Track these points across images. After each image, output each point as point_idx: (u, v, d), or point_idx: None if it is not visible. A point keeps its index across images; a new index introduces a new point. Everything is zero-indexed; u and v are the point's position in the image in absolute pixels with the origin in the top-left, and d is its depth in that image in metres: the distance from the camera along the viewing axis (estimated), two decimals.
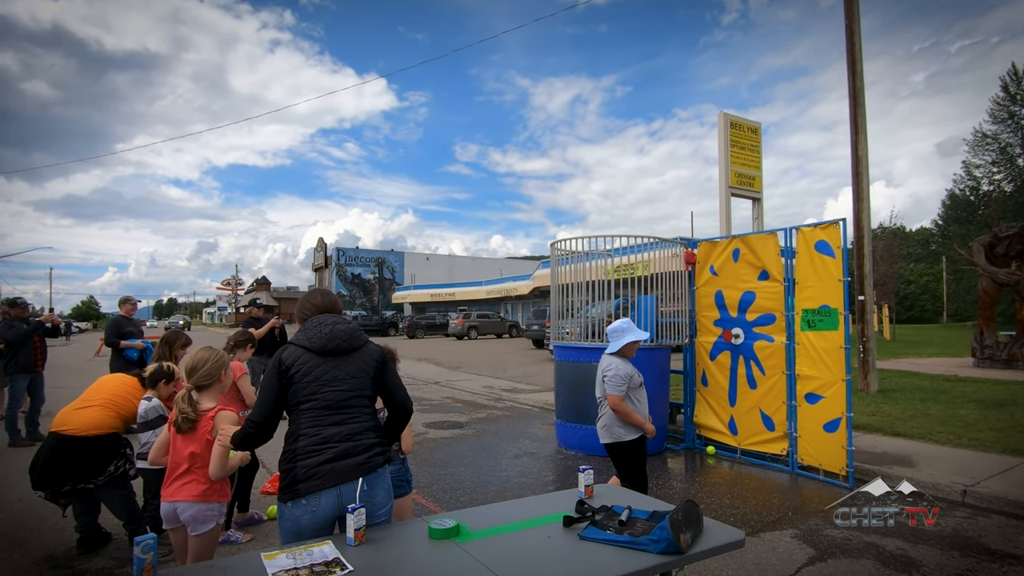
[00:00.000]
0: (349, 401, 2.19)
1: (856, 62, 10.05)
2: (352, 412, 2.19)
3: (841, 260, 5.18)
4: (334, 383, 2.18)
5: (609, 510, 2.08)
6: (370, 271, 53.22)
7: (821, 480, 5.22)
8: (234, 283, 76.87)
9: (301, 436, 2.12)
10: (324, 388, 2.16)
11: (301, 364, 2.18)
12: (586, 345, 6.43)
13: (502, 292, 39.54)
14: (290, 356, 2.21)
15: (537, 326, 22.33)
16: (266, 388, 2.18)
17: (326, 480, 2.05)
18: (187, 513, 2.52)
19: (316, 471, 2.06)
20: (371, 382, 2.27)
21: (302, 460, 2.08)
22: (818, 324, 5.35)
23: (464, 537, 1.95)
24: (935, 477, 4.99)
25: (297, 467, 2.08)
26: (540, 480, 5.34)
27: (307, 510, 2.04)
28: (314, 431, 2.12)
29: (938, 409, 7.89)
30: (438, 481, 5.19)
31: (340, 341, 2.23)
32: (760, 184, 14.28)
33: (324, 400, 2.15)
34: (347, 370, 2.22)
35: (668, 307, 6.81)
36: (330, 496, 2.06)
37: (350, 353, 2.25)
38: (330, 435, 2.11)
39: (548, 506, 2.23)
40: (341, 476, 2.08)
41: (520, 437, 7.19)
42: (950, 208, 47.79)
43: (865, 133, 9.91)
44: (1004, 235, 12.60)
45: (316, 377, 2.17)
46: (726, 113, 13.70)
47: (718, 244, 6.44)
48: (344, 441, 2.12)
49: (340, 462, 2.09)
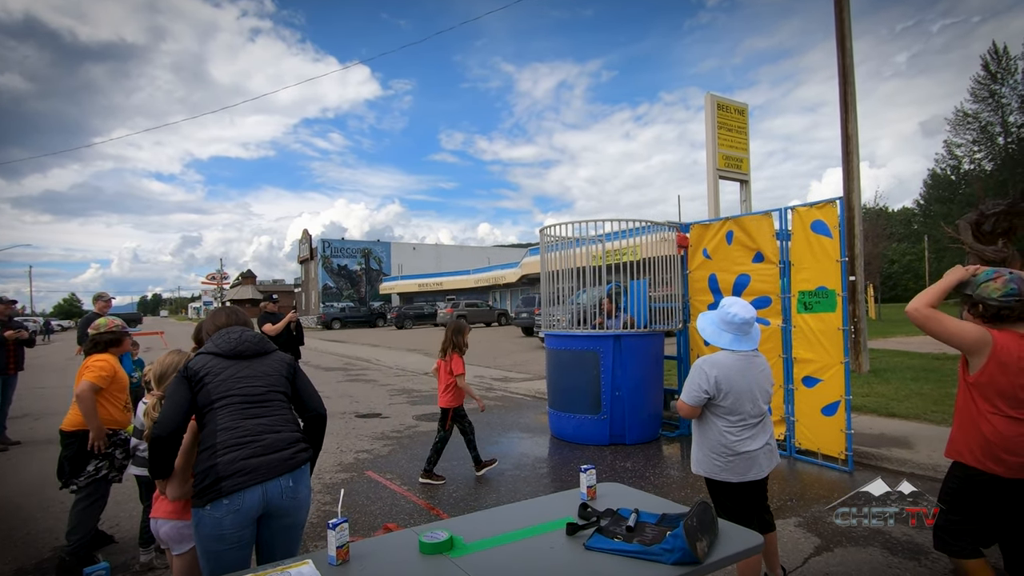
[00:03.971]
0: (267, 395, 2.13)
1: (845, 39, 9.90)
2: (271, 406, 2.12)
3: (838, 240, 5.04)
4: (249, 379, 2.13)
5: (615, 514, 1.91)
6: (356, 262, 52.62)
7: (820, 464, 5.13)
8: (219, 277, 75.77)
9: (220, 431, 1.99)
10: (239, 384, 2.10)
11: (211, 367, 2.11)
12: (577, 333, 6.27)
13: (490, 280, 39.31)
14: (198, 362, 2.13)
15: (526, 314, 22.20)
16: (173, 394, 2.05)
17: (254, 476, 1.92)
18: (163, 530, 2.33)
19: (242, 466, 1.93)
20: (285, 381, 2.23)
21: (224, 455, 1.93)
22: (815, 306, 5.23)
23: (458, 551, 1.78)
24: (934, 459, 4.92)
25: (219, 463, 1.92)
26: (535, 472, 5.19)
27: (230, 510, 1.89)
28: (233, 424, 2.00)
29: (930, 388, 7.87)
30: None
31: (250, 344, 2.22)
32: (747, 166, 14.15)
33: (240, 395, 2.07)
34: (260, 369, 2.19)
35: (659, 291, 6.67)
36: (255, 494, 1.92)
37: (260, 357, 2.24)
38: (251, 428, 2.01)
39: (548, 510, 2.05)
40: (269, 471, 1.96)
41: (513, 428, 7.04)
42: (932, 188, 48.28)
43: (855, 111, 9.80)
44: (991, 212, 12.55)
45: (229, 376, 2.11)
46: (713, 95, 13.51)
47: (711, 227, 6.29)
48: (267, 433, 2.03)
49: (267, 456, 1.98)
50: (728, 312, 2.66)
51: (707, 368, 2.63)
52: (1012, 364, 2.18)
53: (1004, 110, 40.91)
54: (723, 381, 2.59)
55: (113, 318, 3.62)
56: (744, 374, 2.61)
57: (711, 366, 2.63)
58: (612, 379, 6.07)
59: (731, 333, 2.66)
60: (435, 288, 44.08)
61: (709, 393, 2.61)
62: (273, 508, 1.97)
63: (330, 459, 5.65)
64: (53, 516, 4.22)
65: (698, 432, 2.75)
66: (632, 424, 6.09)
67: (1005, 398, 2.21)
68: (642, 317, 6.35)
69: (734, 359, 2.63)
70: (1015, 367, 2.17)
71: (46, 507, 4.44)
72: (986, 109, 41.72)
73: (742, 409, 2.59)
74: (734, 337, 2.66)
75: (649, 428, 6.30)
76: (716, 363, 2.64)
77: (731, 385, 2.59)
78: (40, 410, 8.64)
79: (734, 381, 2.59)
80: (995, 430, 2.21)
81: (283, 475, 1.98)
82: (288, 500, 1.98)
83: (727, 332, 2.67)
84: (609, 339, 6.08)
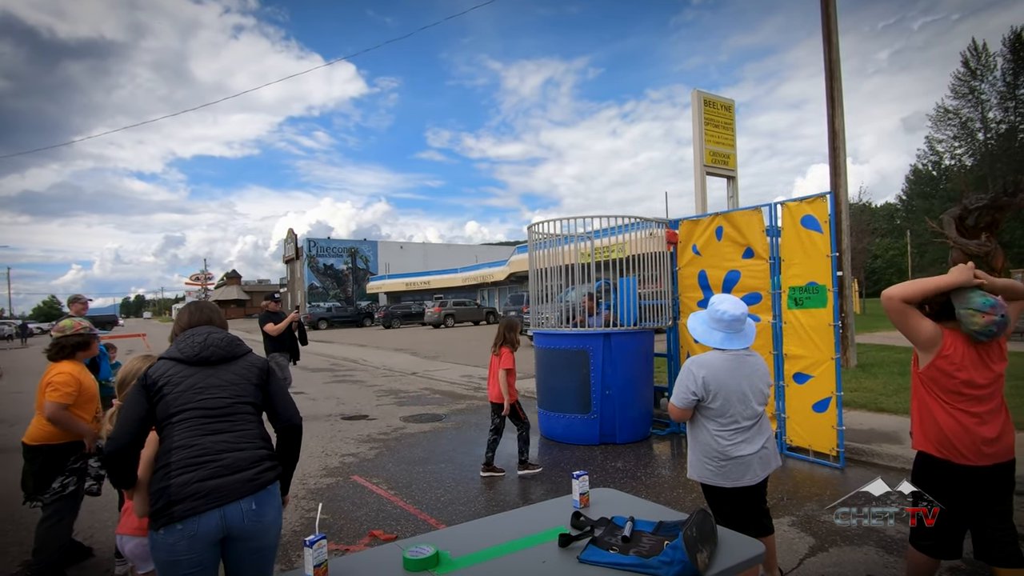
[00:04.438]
0: (231, 407, 1.93)
1: (832, 34, 9.91)
2: (235, 420, 1.92)
3: (829, 235, 5.00)
4: (211, 390, 1.92)
5: (610, 523, 1.82)
6: (343, 261, 52.19)
7: (811, 461, 5.09)
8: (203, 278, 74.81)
9: (175, 449, 1.82)
10: (200, 396, 1.90)
11: (171, 375, 1.92)
12: (566, 331, 6.18)
13: (478, 279, 39.16)
14: (158, 369, 1.94)
15: (514, 312, 22.09)
16: (128, 405, 1.88)
17: (208, 500, 1.75)
18: (128, 547, 2.21)
19: (196, 489, 1.75)
20: (254, 389, 2.02)
21: (177, 476, 1.77)
22: (805, 302, 5.18)
23: (445, 567, 1.68)
24: None
25: (171, 485, 1.76)
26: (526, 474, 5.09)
27: (183, 535, 1.72)
28: (190, 441, 1.82)
29: None
30: (417, 480, 4.91)
31: (216, 349, 2.01)
32: (734, 162, 14.18)
33: (201, 408, 1.88)
34: (225, 377, 1.98)
35: (648, 288, 6.61)
36: (211, 519, 1.75)
37: (228, 362, 2.02)
38: (210, 446, 1.83)
39: (540, 520, 1.96)
40: (228, 494, 1.77)
41: None
42: (914, 183, 48.93)
43: (842, 106, 9.82)
44: (974, 207, 12.68)
45: (190, 386, 1.91)
46: (700, 91, 13.52)
47: (700, 222, 6.23)
48: (228, 452, 1.84)
49: (226, 478, 1.79)
50: (717, 309, 2.58)
51: (695, 368, 2.55)
52: (957, 360, 2.29)
53: (984, 106, 41.56)
54: (711, 382, 2.49)
55: (80, 320, 3.44)
56: (734, 374, 2.52)
57: (699, 366, 2.55)
58: (602, 378, 5.99)
59: (721, 331, 2.58)
60: (423, 287, 43.85)
61: (697, 395, 2.52)
62: (235, 532, 1.81)
63: (315, 463, 5.51)
64: (26, 528, 4.03)
65: (691, 435, 2.67)
66: (622, 423, 6.02)
67: (951, 393, 2.32)
68: (631, 315, 6.29)
69: (724, 358, 2.54)
70: (959, 363, 2.28)
71: (17, 519, 4.26)
72: (966, 105, 42.37)
73: (732, 411, 2.50)
74: (725, 335, 2.57)
75: (640, 427, 6.23)
76: (704, 363, 2.55)
77: (720, 386, 2.49)
78: (16, 415, 8.38)
79: (723, 381, 2.50)
80: (948, 422, 2.32)
81: (244, 498, 1.79)
82: (251, 524, 1.81)
83: (717, 330, 2.59)
84: (598, 337, 6.00)
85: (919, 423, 2.46)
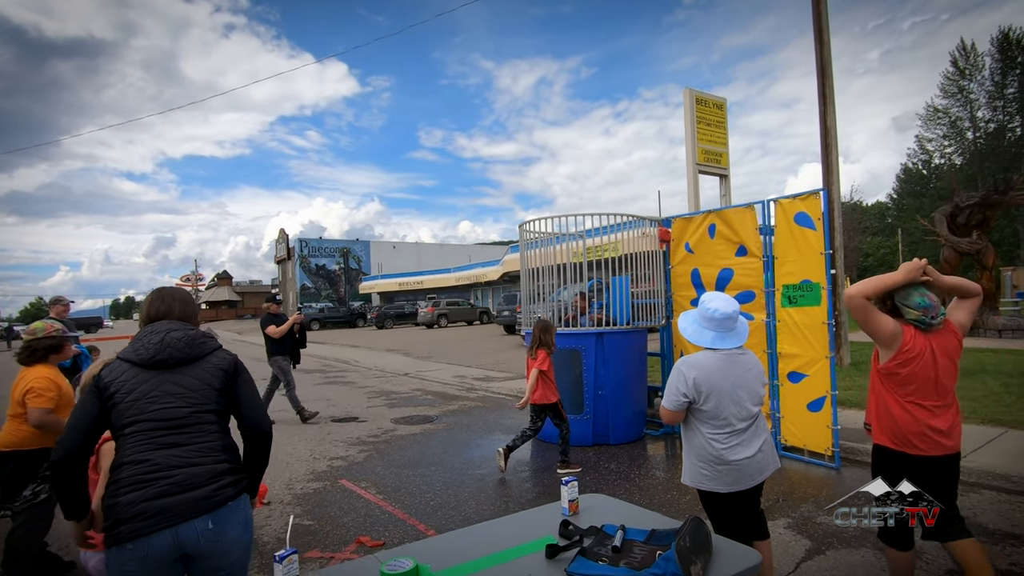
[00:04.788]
0: (188, 418, 1.76)
1: (823, 32, 9.88)
2: (193, 432, 1.75)
3: (822, 232, 4.95)
4: (166, 399, 1.76)
5: (600, 532, 1.74)
6: (335, 262, 51.88)
7: (806, 461, 5.04)
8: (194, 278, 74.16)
9: (125, 464, 1.69)
10: (153, 406, 1.74)
11: (124, 381, 1.76)
12: (558, 331, 6.09)
13: (471, 278, 39.01)
14: (112, 372, 1.79)
15: (508, 312, 21.99)
16: (79, 408, 1.76)
17: (158, 520, 1.62)
18: (91, 564, 2.10)
19: (144, 508, 1.62)
20: (217, 395, 1.84)
21: (125, 494, 1.64)
22: (799, 300, 5.13)
23: None
24: None
25: (118, 503, 1.64)
26: (517, 477, 5.01)
27: (134, 556, 1.60)
28: (140, 456, 1.69)
29: None
30: (406, 484, 4.81)
31: (174, 350, 1.81)
32: (727, 160, 14.11)
33: (154, 419, 1.73)
34: (184, 383, 1.80)
35: (641, 287, 6.54)
36: (163, 539, 1.63)
37: (189, 364, 1.84)
38: (162, 461, 1.68)
39: (527, 529, 1.87)
40: (179, 514, 1.64)
41: (494, 430, 6.85)
42: (904, 182, 49.28)
43: (833, 104, 9.78)
44: (965, 205, 12.76)
45: (143, 394, 1.74)
46: (692, 90, 13.45)
47: (693, 220, 6.17)
48: (182, 467, 1.69)
49: (177, 496, 1.65)
50: (708, 308, 2.50)
51: (685, 369, 2.46)
52: (915, 356, 2.39)
53: (972, 105, 41.90)
54: (703, 383, 2.41)
55: (52, 322, 3.31)
56: (727, 374, 2.43)
57: (689, 367, 2.46)
58: (595, 378, 5.91)
59: (712, 330, 2.49)
60: (416, 287, 43.64)
61: (688, 396, 2.43)
62: (193, 552, 1.69)
63: (303, 467, 5.40)
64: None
65: (685, 439, 2.58)
66: (616, 423, 5.94)
67: (908, 386, 2.43)
68: (624, 314, 6.21)
69: (715, 358, 2.46)
70: (917, 359, 2.39)
71: None
72: (955, 104, 42.70)
73: (725, 413, 2.41)
74: (716, 335, 2.48)
75: (633, 427, 6.16)
76: (695, 364, 2.46)
77: (712, 387, 2.41)
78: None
79: (715, 382, 2.41)
80: (904, 416, 2.44)
81: (199, 517, 1.66)
82: (209, 544, 1.69)
83: (708, 329, 2.51)
84: (591, 337, 5.92)
85: (876, 417, 2.57)
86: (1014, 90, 39.74)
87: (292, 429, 7.17)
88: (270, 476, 5.08)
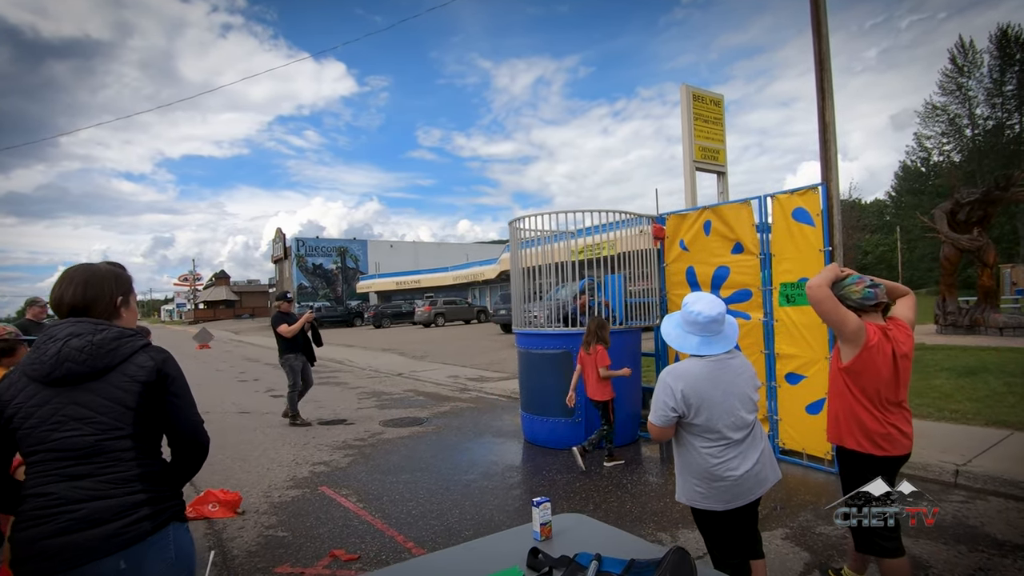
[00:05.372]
0: (96, 446, 1.49)
1: (822, 25, 9.66)
2: (103, 461, 1.49)
3: (821, 228, 4.77)
4: (70, 424, 1.48)
5: (572, 563, 1.55)
6: (332, 261, 51.65)
7: (805, 465, 4.86)
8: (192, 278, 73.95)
9: (28, 497, 1.47)
10: (56, 433, 1.48)
11: (22, 402, 1.49)
12: (549, 331, 5.91)
13: (469, 277, 38.83)
14: (8, 390, 1.52)
15: (505, 310, 21.81)
16: None
17: (55, 562, 1.40)
18: None
19: (41, 548, 1.41)
20: (133, 416, 1.53)
21: (24, 531, 1.44)
22: (798, 299, 4.94)
23: None
24: (923, 456, 4.67)
25: (18, 540, 1.44)
26: (505, 483, 4.82)
27: None
28: (43, 489, 1.46)
29: (912, 380, 7.66)
30: (389, 491, 4.62)
31: (74, 364, 1.50)
32: (724, 158, 13.91)
33: (57, 449, 1.48)
34: (91, 403, 1.50)
35: (636, 286, 6.36)
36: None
37: (97, 378, 1.52)
38: (65, 494, 1.45)
39: (494, 555, 1.68)
40: (81, 554, 1.41)
41: (484, 432, 6.67)
42: (903, 179, 49.13)
43: (832, 99, 9.53)
44: (966, 201, 12.59)
45: (43, 419, 1.48)
46: (688, 86, 13.22)
47: (688, 217, 5.98)
48: (87, 501, 1.45)
49: (78, 533, 1.42)
50: (691, 311, 2.28)
51: (671, 381, 2.25)
52: (879, 352, 2.40)
53: (971, 103, 41.73)
54: (692, 395, 2.21)
55: (5, 324, 3.14)
56: (717, 382, 2.23)
57: (676, 378, 2.25)
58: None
59: (698, 335, 2.29)
60: (413, 286, 43.45)
61: (677, 410, 2.23)
62: None
63: (283, 473, 5.21)
64: None
65: (677, 455, 2.39)
66: None
67: (871, 385, 2.42)
68: (617, 313, 6.02)
69: (703, 366, 2.25)
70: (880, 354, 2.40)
71: None
72: (954, 102, 42.53)
73: (719, 424, 2.22)
74: (702, 340, 2.28)
75: (627, 430, 5.98)
76: (682, 374, 2.26)
77: (702, 398, 2.21)
78: None
79: (705, 392, 2.21)
80: (868, 416, 2.43)
81: (108, 556, 1.43)
82: None
83: (693, 334, 2.30)
84: (582, 337, 5.73)
85: (839, 420, 2.54)
86: (1013, 87, 39.58)
87: (277, 432, 6.99)
88: (247, 484, 4.90)
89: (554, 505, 4.19)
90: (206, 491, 4.27)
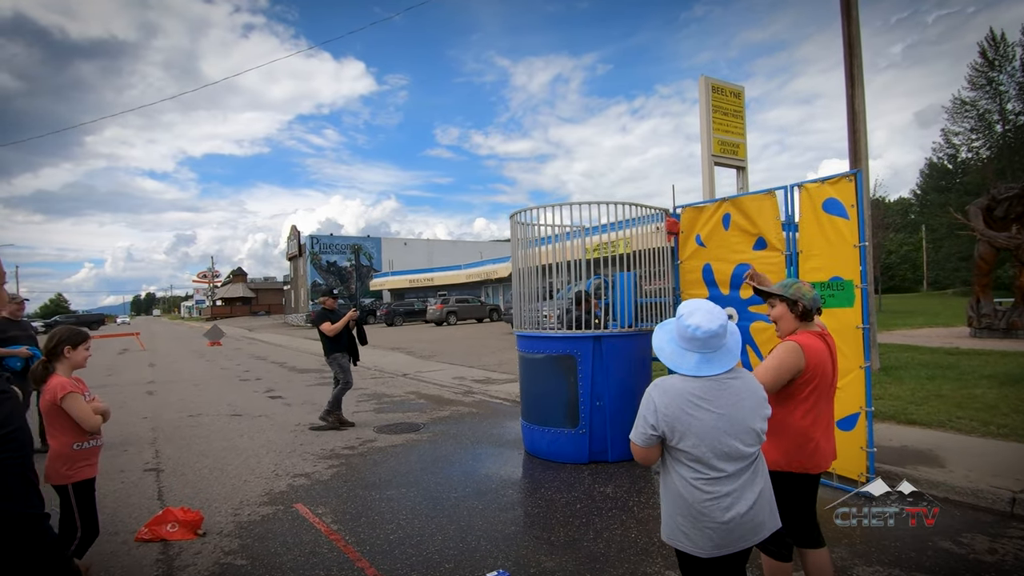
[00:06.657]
0: None
1: (851, 8, 9.06)
2: None
3: (856, 221, 4.22)
4: None
5: None
6: (346, 258, 51.59)
7: (836, 488, 4.32)
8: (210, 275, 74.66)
9: None
10: None
11: None
12: (551, 333, 5.43)
13: (482, 275, 38.42)
14: None
15: None
16: None
17: None
18: None
19: None
20: None
21: None
22: (829, 301, 4.40)
23: None
24: (972, 480, 4.11)
25: None
26: (498, 502, 4.34)
27: None
28: None
29: (950, 388, 7.08)
30: (369, 510, 4.17)
31: None
32: (744, 152, 13.30)
33: None
34: None
35: (651, 285, 5.85)
36: None
37: None
38: None
39: None
40: None
41: (483, 441, 6.21)
42: (929, 177, 47.63)
43: (862, 86, 8.97)
44: (1003, 196, 11.82)
45: None
46: (708, 78, 12.65)
47: (705, 209, 5.46)
48: None
49: None
50: (687, 324, 1.87)
51: (655, 395, 1.87)
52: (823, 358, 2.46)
53: (1002, 98, 40.23)
54: (676, 416, 1.81)
55: None
56: (711, 404, 1.82)
57: (661, 392, 1.87)
58: (591, 387, 5.24)
59: (697, 352, 1.88)
60: (426, 284, 43.21)
61: (657, 430, 1.83)
62: None
63: (259, 487, 4.80)
64: None
65: (662, 483, 1.98)
66: (615, 438, 5.26)
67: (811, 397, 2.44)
68: (627, 314, 5.53)
69: (696, 385, 1.85)
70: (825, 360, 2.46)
71: None
72: (984, 97, 41.06)
73: (707, 455, 1.80)
74: (701, 357, 1.86)
75: None
76: (668, 389, 1.86)
77: (688, 424, 1.80)
78: None
79: (692, 417, 1.80)
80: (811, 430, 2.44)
81: None
82: None
83: (690, 351, 1.88)
84: (587, 340, 5.25)
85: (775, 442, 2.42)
86: None
87: (265, 437, 6.60)
88: (218, 498, 4.49)
89: (549, 531, 3.71)
90: (165, 509, 3.87)
